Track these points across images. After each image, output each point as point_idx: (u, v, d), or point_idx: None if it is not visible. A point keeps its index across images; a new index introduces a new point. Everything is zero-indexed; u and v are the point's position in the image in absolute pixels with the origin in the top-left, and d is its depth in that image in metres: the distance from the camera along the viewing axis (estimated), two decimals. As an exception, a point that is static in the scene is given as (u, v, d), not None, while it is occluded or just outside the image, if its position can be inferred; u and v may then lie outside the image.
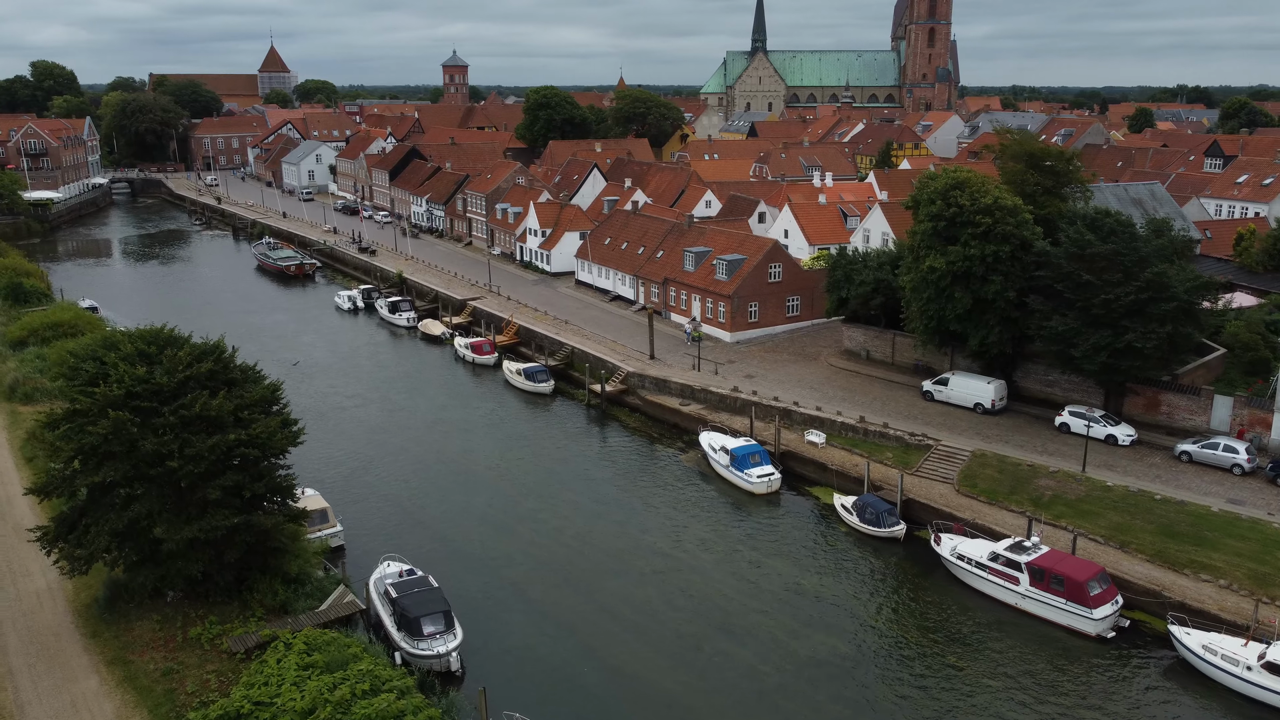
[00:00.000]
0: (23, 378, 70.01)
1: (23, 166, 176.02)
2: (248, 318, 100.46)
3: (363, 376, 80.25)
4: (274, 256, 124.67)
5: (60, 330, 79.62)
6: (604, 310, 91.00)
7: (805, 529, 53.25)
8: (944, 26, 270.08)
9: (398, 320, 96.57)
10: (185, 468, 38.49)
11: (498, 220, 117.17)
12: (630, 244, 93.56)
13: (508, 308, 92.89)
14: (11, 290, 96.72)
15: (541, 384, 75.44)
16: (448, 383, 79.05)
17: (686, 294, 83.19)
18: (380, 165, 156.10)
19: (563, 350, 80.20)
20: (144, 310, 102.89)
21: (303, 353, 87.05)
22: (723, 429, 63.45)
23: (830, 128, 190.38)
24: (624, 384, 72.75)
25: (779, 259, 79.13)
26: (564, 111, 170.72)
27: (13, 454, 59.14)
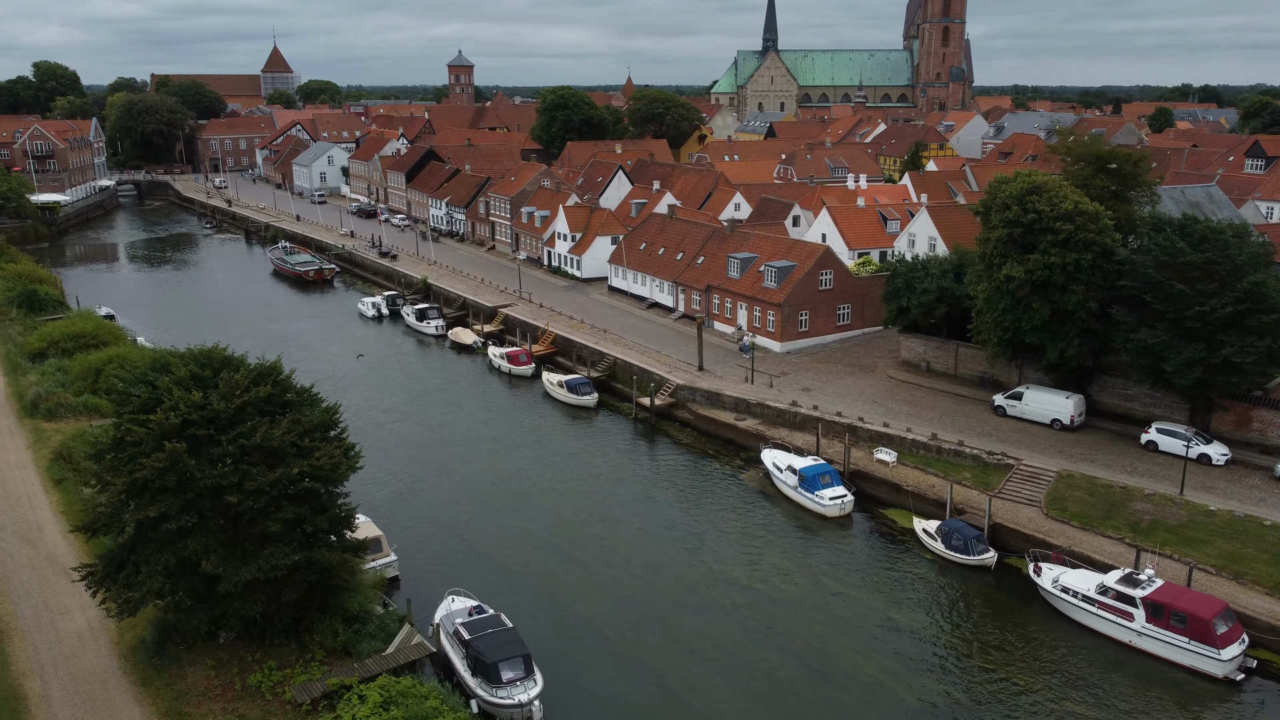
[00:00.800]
0: (45, 392, 66.74)
1: (29, 169, 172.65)
2: (269, 326, 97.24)
3: (396, 389, 77.06)
4: (291, 261, 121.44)
5: (81, 341, 76.39)
6: (642, 318, 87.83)
7: (886, 556, 50.11)
8: (958, 25, 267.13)
9: (426, 328, 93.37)
10: (246, 502, 35.31)
11: (523, 224, 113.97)
12: (668, 249, 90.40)
13: (541, 315, 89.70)
14: (25, 298, 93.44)
15: (585, 397, 72.29)
16: (485, 395, 75.87)
17: (732, 302, 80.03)
18: (396, 167, 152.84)
19: (604, 361, 77.04)
20: (161, 318, 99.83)
21: (329, 363, 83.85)
22: (785, 446, 60.30)
23: (850, 128, 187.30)
24: (673, 397, 69.61)
25: (830, 265, 76.02)
26: (581, 112, 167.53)
27: (40, 476, 55.89)
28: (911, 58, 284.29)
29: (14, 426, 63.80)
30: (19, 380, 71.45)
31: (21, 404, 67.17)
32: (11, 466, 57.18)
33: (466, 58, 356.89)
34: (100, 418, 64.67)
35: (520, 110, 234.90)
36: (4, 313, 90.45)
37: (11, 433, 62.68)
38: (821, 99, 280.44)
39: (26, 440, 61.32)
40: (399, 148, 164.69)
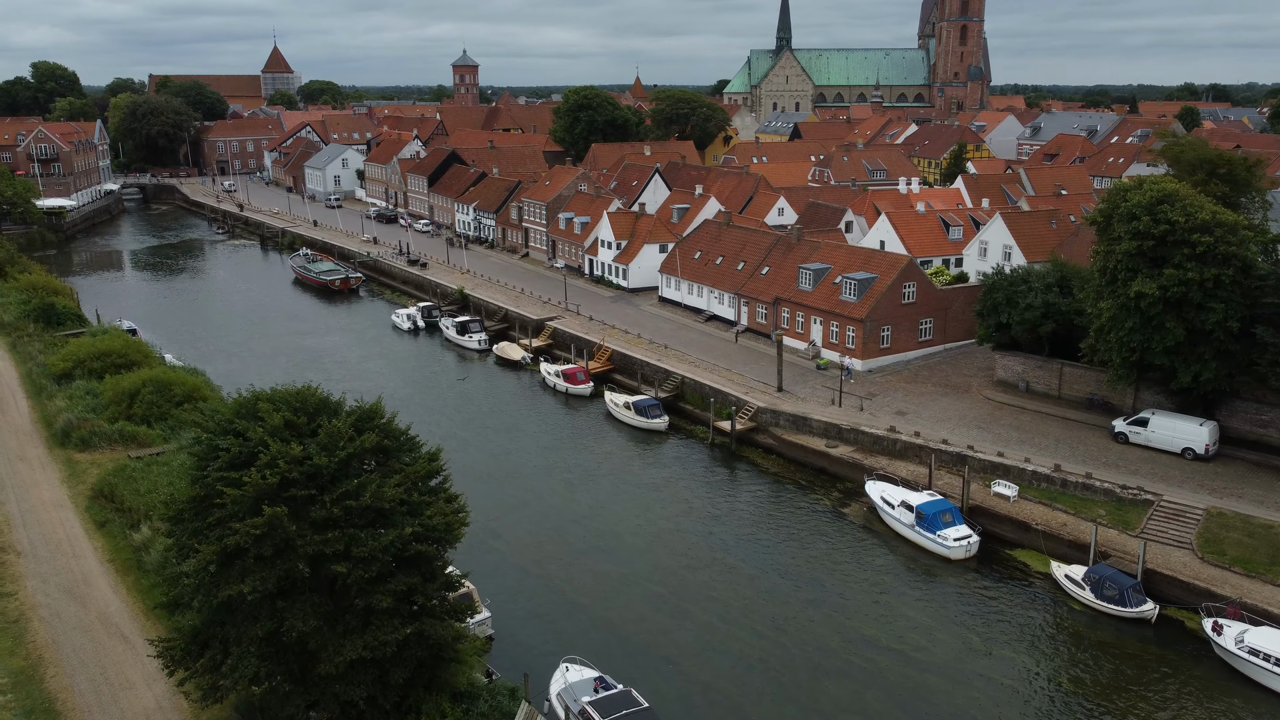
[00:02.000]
0: (77, 419, 61.47)
1: (33, 173, 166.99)
2: (301, 340, 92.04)
3: (448, 411, 71.96)
4: (315, 270, 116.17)
5: (109, 361, 71.00)
6: (701, 332, 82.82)
7: (1028, 607, 45.20)
8: (976, 24, 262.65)
9: (468, 343, 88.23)
10: (356, 572, 30.24)
11: (560, 231, 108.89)
12: (726, 259, 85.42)
13: (591, 329, 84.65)
14: (43, 312, 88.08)
15: (655, 420, 67.29)
16: (544, 418, 70.79)
17: (804, 316, 75.10)
18: (417, 170, 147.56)
19: (670, 380, 72.03)
20: (185, 332, 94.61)
21: (371, 381, 78.68)
22: (892, 478, 55.36)
23: (879, 129, 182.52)
24: (753, 421, 64.65)
25: (913, 277, 71.11)
26: (605, 113, 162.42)
27: (79, 516, 50.64)
28: (928, 57, 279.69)
29: (45, 458, 58.53)
30: (46, 405, 66.18)
31: (50, 432, 61.93)
32: (47, 506, 51.95)
33: (471, 57, 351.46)
34: (137, 446, 59.57)
35: (533, 111, 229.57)
36: (20, 328, 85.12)
37: (43, 465, 57.42)
38: (837, 99, 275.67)
39: (60, 474, 56.08)
40: (417, 150, 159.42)
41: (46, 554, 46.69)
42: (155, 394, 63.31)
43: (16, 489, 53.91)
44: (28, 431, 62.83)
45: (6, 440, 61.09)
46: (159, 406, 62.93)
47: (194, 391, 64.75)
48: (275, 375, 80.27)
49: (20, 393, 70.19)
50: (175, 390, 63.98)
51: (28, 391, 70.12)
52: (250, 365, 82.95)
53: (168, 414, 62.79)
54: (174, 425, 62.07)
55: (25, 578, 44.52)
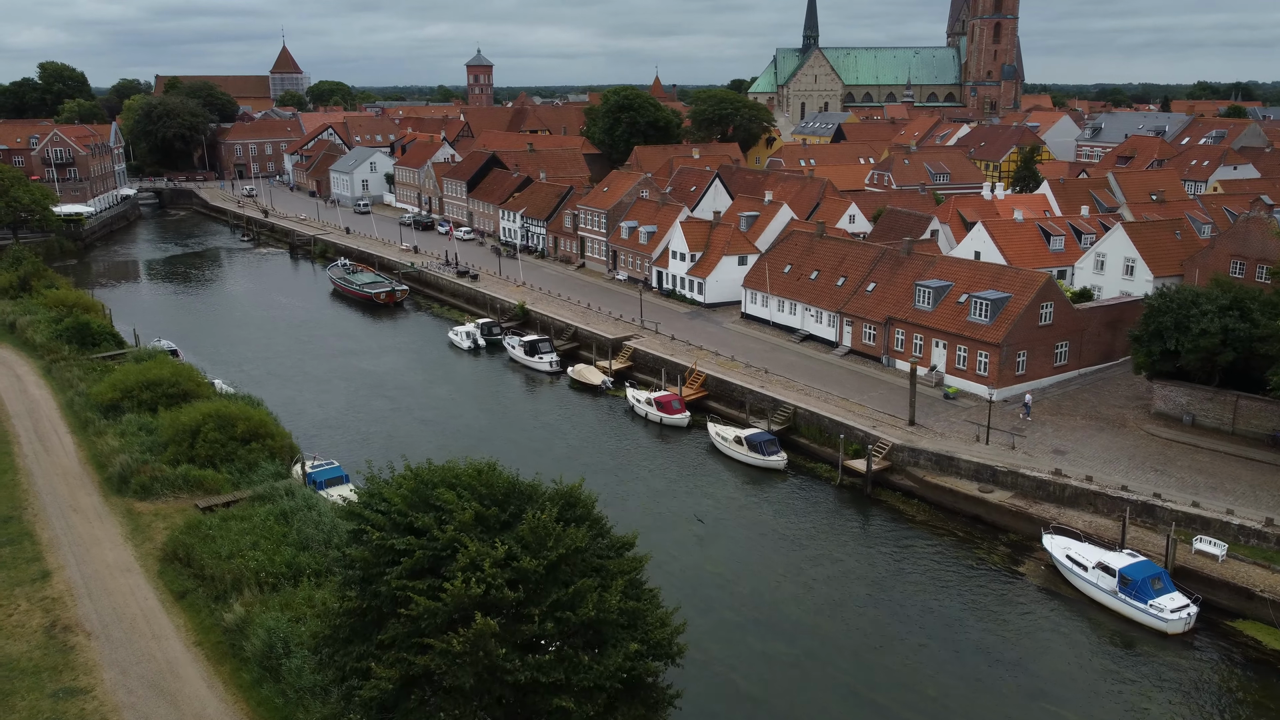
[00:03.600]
0: (135, 462, 54.55)
1: (47, 178, 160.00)
2: (355, 361, 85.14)
3: (538, 447, 65.02)
4: (357, 282, 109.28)
5: (160, 391, 64.07)
6: (799, 354, 76.02)
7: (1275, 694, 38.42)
8: (1010, 21, 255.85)
9: (538, 364, 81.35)
10: (583, 709, 23.42)
11: (623, 241, 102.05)
12: (823, 273, 78.61)
13: (676, 349, 77.86)
14: (77, 332, 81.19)
15: (772, 457, 60.47)
16: (645, 454, 63.94)
17: (922, 338, 68.31)
18: (454, 175, 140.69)
19: (780, 410, 65.21)
20: (229, 352, 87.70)
21: (443, 409, 71.89)
22: (1075, 533, 48.56)
23: (928, 130, 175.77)
24: (888, 459, 57.84)
25: (1051, 297, 64.35)
26: (647, 114, 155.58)
27: (152, 584, 43.73)
28: (958, 55, 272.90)
29: (101, 508, 51.63)
30: (96, 443, 59.25)
31: (105, 476, 55.03)
32: (113, 570, 45.06)
33: (485, 57, 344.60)
34: (204, 494, 52.74)
35: (560, 112, 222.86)
36: (54, 350, 78.23)
37: (100, 518, 50.52)
38: (865, 98, 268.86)
39: (121, 529, 49.18)
40: (451, 153, 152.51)
41: (121, 635, 39.82)
42: (219, 431, 56.46)
43: (75, 548, 47.05)
44: (77, 475, 55.94)
45: (55, 485, 54.24)
46: (224, 446, 56.09)
47: (259, 427, 57.91)
48: (337, 403, 73.54)
49: (63, 426, 63.33)
50: (239, 426, 57.13)
51: (71, 425, 63.25)
52: (307, 392, 76.11)
53: (234, 454, 55.97)
54: (241, 467, 55.34)
55: (101, 667, 37.68)
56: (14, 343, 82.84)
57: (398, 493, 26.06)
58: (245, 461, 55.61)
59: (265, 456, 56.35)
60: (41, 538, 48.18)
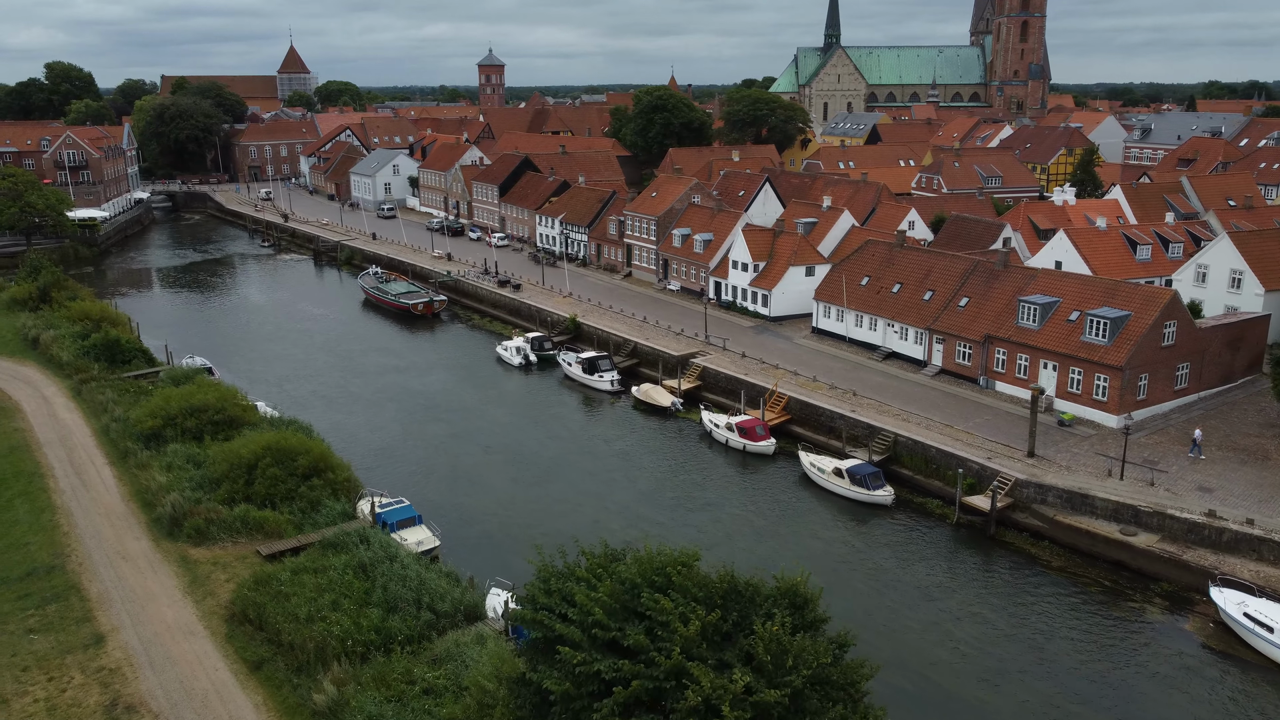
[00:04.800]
0: (187, 502, 49.38)
1: (60, 181, 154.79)
2: (401, 379, 79.95)
3: (619, 479, 59.81)
4: (391, 292, 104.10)
5: (206, 418, 58.98)
6: (884, 374, 70.84)
7: None
8: (1038, 19, 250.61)
9: (598, 383, 76.20)
10: None
11: (676, 249, 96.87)
12: (907, 286, 73.47)
13: (749, 368, 72.71)
14: (106, 349, 76.04)
15: (878, 492, 55.36)
16: (735, 488, 58.76)
17: (1028, 358, 63.15)
18: (484, 178, 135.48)
19: (879, 438, 60.04)
20: (265, 370, 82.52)
21: (506, 435, 66.73)
22: (1245, 585, 43.41)
23: (967, 131, 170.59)
24: (1010, 495, 52.70)
25: (1175, 315, 59.19)
26: (682, 115, 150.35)
27: (220, 651, 38.54)
28: (983, 54, 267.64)
29: (152, 556, 46.46)
30: (139, 477, 54.10)
31: (153, 516, 49.87)
32: (174, 634, 39.89)
33: (497, 57, 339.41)
34: (265, 538, 47.64)
35: (580, 113, 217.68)
36: (82, 369, 73.07)
37: (153, 567, 45.35)
38: (889, 98, 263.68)
39: (178, 581, 44.01)
40: (479, 156, 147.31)
41: (193, 718, 34.67)
42: (279, 466, 51.30)
43: (128, 605, 41.92)
44: (121, 515, 50.78)
45: (99, 528, 49.11)
46: (283, 482, 50.93)
47: (320, 461, 52.73)
48: (392, 429, 68.31)
49: (100, 457, 58.19)
50: (301, 461, 51.96)
51: (109, 455, 58.11)
52: (357, 415, 70.92)
53: (294, 492, 50.82)
54: (303, 507, 50.17)
55: (175, 760, 32.62)
56: (38, 360, 77.69)
57: (595, 597, 20.75)
58: (307, 500, 50.51)
59: (328, 494, 51.27)
60: (90, 592, 43.10)
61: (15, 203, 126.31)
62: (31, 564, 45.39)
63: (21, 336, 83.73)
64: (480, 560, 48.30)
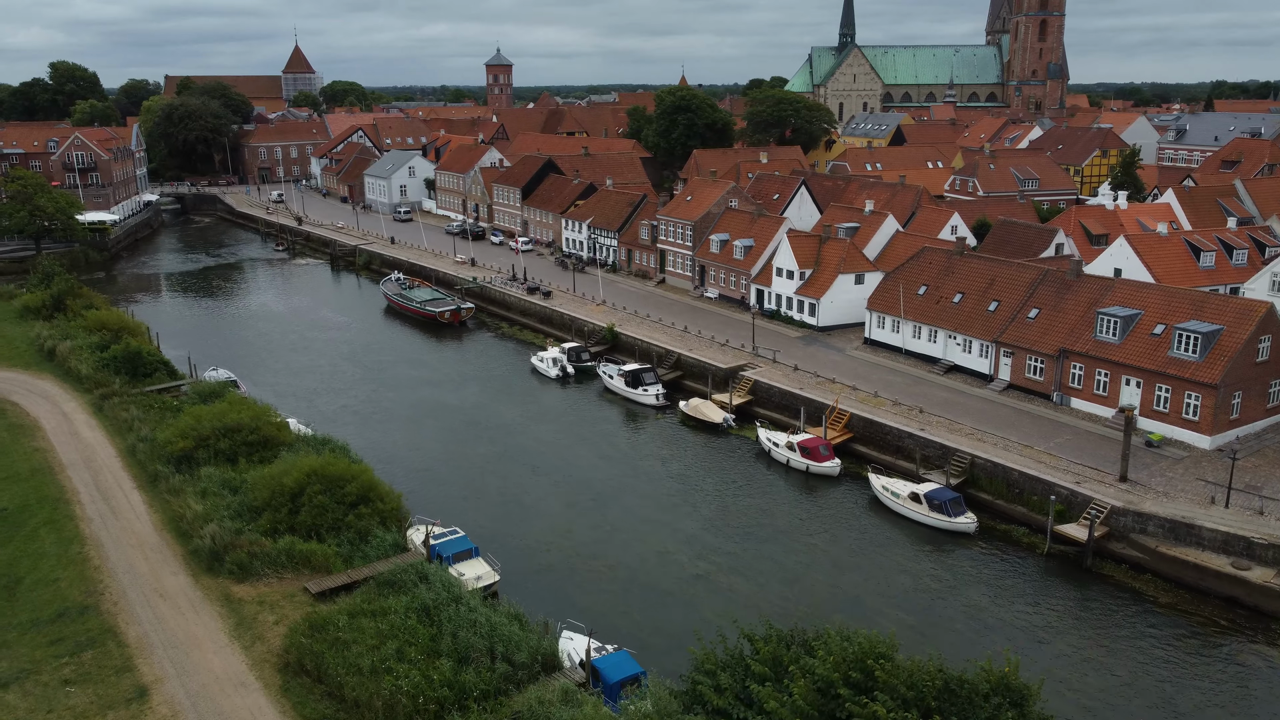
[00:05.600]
0: (227, 533, 45.87)
1: (68, 183, 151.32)
2: (436, 394, 76.46)
3: (679, 504, 56.28)
4: (416, 299, 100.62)
5: (240, 439, 55.53)
6: (948, 388, 67.38)
7: None
8: (1057, 18, 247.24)
9: (643, 397, 72.75)
10: None
11: (713, 255, 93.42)
12: (969, 296, 70.03)
13: (804, 381, 69.24)
14: (127, 362, 72.52)
15: (960, 519, 51.93)
16: (805, 513, 55.29)
17: (1107, 374, 59.70)
18: (505, 181, 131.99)
19: (955, 460, 56.57)
20: (292, 383, 79.07)
21: (554, 453, 63.24)
22: (1386, 629, 40.00)
23: (995, 131, 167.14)
24: (1106, 524, 49.25)
25: (1270, 329, 55.78)
26: (705, 115, 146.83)
27: (279, 711, 35.04)
28: (1000, 54, 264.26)
29: (192, 593, 42.99)
30: (171, 504, 50.61)
31: (190, 548, 46.40)
32: (223, 685, 36.42)
33: (505, 56, 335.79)
34: (312, 572, 44.18)
35: (594, 113, 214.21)
36: (103, 383, 69.57)
37: (194, 607, 41.86)
38: (904, 98, 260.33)
39: (223, 623, 40.52)
40: (499, 158, 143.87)
41: (255, 788, 31.22)
42: (326, 494, 47.83)
43: (171, 651, 38.45)
44: (155, 546, 47.31)
45: (133, 561, 45.65)
46: (330, 511, 47.44)
47: (368, 488, 49.21)
48: (433, 448, 64.75)
49: (127, 480, 54.73)
50: (349, 489, 48.47)
51: (137, 479, 54.65)
52: (393, 433, 67.41)
53: (341, 522, 47.34)
54: (352, 538, 46.70)
55: (238, 841, 29.15)
56: (55, 373, 74.18)
57: (788, 702, 17.24)
58: (355, 530, 47.04)
59: (376, 523, 47.77)
60: (128, 636, 39.62)
61: (24, 206, 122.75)
62: (63, 603, 41.94)
63: (36, 347, 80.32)
64: (544, 597, 44.87)
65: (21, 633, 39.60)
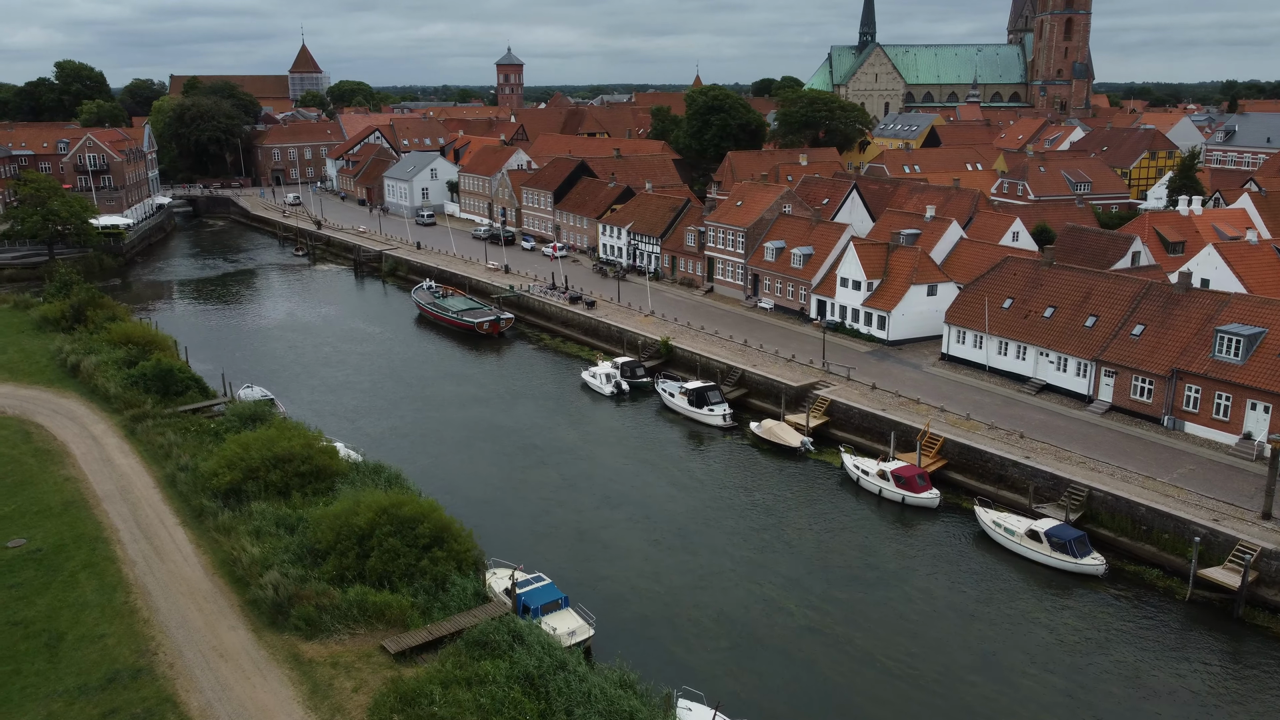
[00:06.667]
0: (291, 583, 41.21)
1: (80, 186, 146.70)
2: (486, 413, 71.81)
3: (779, 547, 51.63)
4: (452, 309, 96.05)
5: (292, 470, 50.94)
6: (1043, 410, 62.76)
7: None
8: (1083, 16, 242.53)
9: (709, 417, 68.18)
10: None
11: (769, 263, 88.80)
12: (1061, 310, 65.46)
13: (884, 402, 64.63)
14: (159, 380, 67.82)
15: (1086, 560, 47.40)
16: (910, 550, 50.71)
17: (1229, 396, 55.15)
18: (535, 184, 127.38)
19: (1069, 492, 51.99)
20: (331, 401, 74.45)
21: (627, 483, 58.61)
22: None
23: (1034, 132, 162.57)
24: (1255, 568, 44.69)
25: None
26: (739, 116, 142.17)
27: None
28: (1023, 53, 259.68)
29: (255, 652, 38.33)
30: (223, 544, 46.01)
31: (247, 598, 41.76)
32: (306, 770, 31.78)
33: (516, 56, 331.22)
34: (386, 626, 39.55)
35: (614, 114, 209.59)
36: (134, 403, 64.96)
37: (260, 669, 37.23)
38: (926, 98, 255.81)
39: (294, 691, 35.89)
40: (526, 160, 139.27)
41: None
42: (397, 536, 43.19)
43: (239, 724, 33.86)
44: (208, 594, 42.67)
45: (185, 612, 41.03)
46: (402, 556, 42.80)
47: (443, 530, 44.49)
48: (493, 476, 59.90)
49: (169, 515, 50.15)
50: (421, 529, 43.80)
51: (180, 514, 50.07)
52: (449, 459, 62.78)
53: (414, 567, 42.69)
54: (428, 585, 42.05)
55: None
56: (80, 390, 69.52)
57: None
58: (431, 577, 42.39)
59: (453, 568, 43.15)
60: (190, 706, 35.05)
61: (38, 210, 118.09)
62: (113, 665, 37.33)
63: (58, 362, 75.66)
64: (646, 657, 40.23)
65: (69, 701, 35.03)
